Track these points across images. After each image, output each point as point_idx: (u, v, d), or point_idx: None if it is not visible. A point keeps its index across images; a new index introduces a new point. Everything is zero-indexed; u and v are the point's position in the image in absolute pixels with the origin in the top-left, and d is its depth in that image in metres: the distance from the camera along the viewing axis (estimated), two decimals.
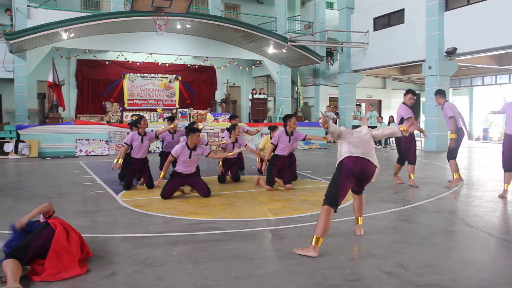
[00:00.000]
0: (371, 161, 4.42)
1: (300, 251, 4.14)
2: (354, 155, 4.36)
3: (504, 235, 4.94)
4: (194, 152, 7.09)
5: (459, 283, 3.48)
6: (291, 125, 7.88)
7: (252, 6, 24.53)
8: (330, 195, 4.29)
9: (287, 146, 7.94)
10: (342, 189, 4.31)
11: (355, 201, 4.89)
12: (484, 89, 23.56)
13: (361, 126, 4.76)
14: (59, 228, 3.86)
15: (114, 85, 20.25)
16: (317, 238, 4.13)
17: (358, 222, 4.89)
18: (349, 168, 4.35)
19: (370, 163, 4.43)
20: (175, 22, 16.45)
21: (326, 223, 4.16)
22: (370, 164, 4.43)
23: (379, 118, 18.91)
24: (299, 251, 4.15)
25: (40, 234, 3.78)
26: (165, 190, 6.99)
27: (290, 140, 7.92)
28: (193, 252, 4.23)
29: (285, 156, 7.99)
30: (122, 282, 3.50)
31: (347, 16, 20.35)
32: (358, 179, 4.48)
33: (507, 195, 7.04)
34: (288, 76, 21.55)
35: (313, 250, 4.09)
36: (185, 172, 7.12)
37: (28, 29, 14.82)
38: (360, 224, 4.88)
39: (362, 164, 4.38)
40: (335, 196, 4.27)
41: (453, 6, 15.53)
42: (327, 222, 4.17)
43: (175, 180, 7.11)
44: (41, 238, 3.74)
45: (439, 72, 15.78)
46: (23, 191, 7.77)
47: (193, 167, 7.24)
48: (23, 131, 14.24)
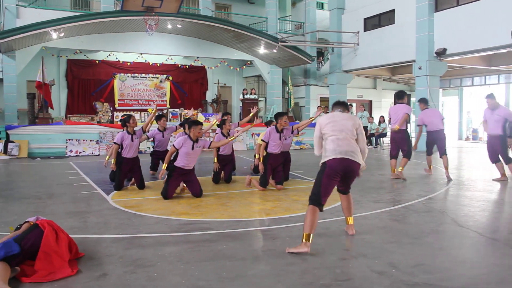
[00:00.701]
0: (355, 160, 4.46)
1: (292, 249, 4.16)
2: (338, 157, 4.40)
3: (493, 234, 4.98)
4: (197, 144, 7.08)
5: (450, 282, 3.50)
6: (282, 123, 7.91)
7: (243, 6, 24.52)
8: (314, 195, 4.38)
9: (278, 144, 7.94)
10: (325, 189, 4.38)
11: (343, 201, 4.91)
12: (474, 89, 23.76)
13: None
14: (47, 229, 3.83)
15: (104, 85, 20.14)
16: (307, 235, 4.18)
17: (348, 222, 4.91)
18: (333, 167, 4.41)
19: (354, 162, 4.47)
20: (166, 22, 16.40)
21: (312, 220, 4.23)
22: (355, 163, 4.48)
23: (370, 118, 18.99)
24: (292, 249, 4.16)
25: (28, 235, 3.76)
26: (166, 191, 6.92)
27: (281, 137, 7.94)
28: (184, 253, 4.22)
29: (278, 154, 7.99)
30: (113, 283, 3.49)
31: (337, 16, 20.41)
32: (343, 177, 4.54)
33: (506, 179, 8.69)
34: (279, 77, 21.57)
35: (305, 246, 4.13)
36: (186, 166, 7.07)
37: (17, 29, 14.70)
38: (351, 223, 4.89)
39: (346, 163, 4.43)
40: (318, 195, 4.35)
41: (443, 7, 15.64)
42: (313, 219, 4.24)
43: (175, 179, 7.06)
44: (30, 240, 3.72)
45: (429, 72, 15.88)
46: (13, 192, 7.71)
47: (194, 162, 7.22)
48: (12, 131, 14.13)
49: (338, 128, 4.55)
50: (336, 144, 4.47)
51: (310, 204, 4.35)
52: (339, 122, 4.59)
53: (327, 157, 4.48)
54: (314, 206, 4.32)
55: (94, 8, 20.07)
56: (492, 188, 8.09)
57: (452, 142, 22.11)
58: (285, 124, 7.95)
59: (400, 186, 8.32)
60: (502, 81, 21.49)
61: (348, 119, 4.63)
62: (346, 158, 4.42)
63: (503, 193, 7.70)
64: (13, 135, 14.06)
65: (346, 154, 4.42)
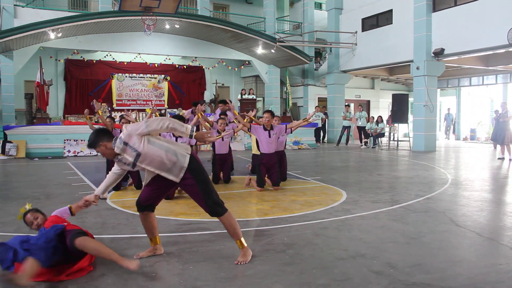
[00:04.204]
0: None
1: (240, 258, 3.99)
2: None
3: (491, 234, 4.98)
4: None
5: (447, 282, 3.50)
6: (264, 121, 7.84)
7: (240, 6, 24.53)
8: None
9: (268, 142, 7.82)
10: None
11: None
12: (472, 89, 23.80)
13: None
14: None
15: (102, 85, 20.13)
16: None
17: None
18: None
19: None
20: (164, 22, 16.40)
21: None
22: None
23: (371, 118, 18.95)
24: (241, 258, 3.99)
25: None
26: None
27: (271, 135, 7.81)
28: (182, 253, 4.22)
29: (271, 154, 7.91)
30: (111, 283, 3.48)
31: (335, 16, 20.44)
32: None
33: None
34: (277, 77, 21.59)
35: (248, 252, 4.04)
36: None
37: (15, 29, 14.69)
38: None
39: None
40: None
41: (441, 7, 15.66)
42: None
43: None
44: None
45: (427, 72, 15.90)
46: (10, 192, 7.69)
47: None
48: (10, 131, 14.09)
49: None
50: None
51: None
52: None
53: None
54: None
55: (92, 8, 20.05)
56: (490, 188, 8.11)
57: (451, 142, 22.14)
58: (267, 122, 7.80)
59: (398, 186, 8.33)
60: (500, 81, 21.54)
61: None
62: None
63: (501, 193, 7.72)
64: (11, 135, 14.02)
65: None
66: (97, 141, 3.81)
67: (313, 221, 5.45)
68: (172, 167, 3.83)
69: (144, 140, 3.76)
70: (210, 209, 3.90)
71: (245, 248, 4.03)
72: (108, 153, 3.84)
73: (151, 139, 3.81)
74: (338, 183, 8.53)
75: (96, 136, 3.83)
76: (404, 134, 22.27)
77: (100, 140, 3.80)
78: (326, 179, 9.16)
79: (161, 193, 4.11)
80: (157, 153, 3.78)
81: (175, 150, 3.84)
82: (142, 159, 3.79)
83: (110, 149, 3.81)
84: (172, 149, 3.83)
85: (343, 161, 13.05)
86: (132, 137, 3.74)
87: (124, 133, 3.76)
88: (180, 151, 3.85)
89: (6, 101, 16.48)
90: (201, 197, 3.88)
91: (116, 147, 3.77)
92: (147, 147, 3.75)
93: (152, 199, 4.09)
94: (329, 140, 21.04)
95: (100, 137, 3.82)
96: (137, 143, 3.74)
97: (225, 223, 3.99)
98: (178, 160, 3.82)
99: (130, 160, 3.80)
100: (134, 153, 3.76)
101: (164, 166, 3.82)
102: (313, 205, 6.44)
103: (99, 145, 3.80)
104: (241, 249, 4.02)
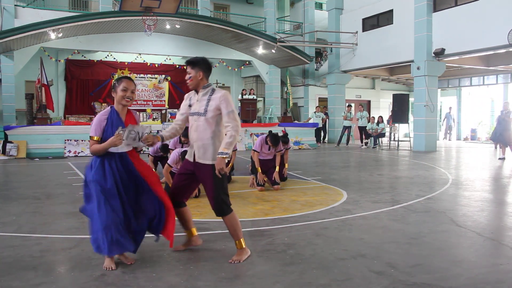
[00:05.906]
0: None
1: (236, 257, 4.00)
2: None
3: (492, 234, 4.98)
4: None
5: (448, 282, 3.50)
6: (274, 150, 7.99)
7: (241, 6, 24.53)
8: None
9: (267, 152, 8.01)
10: None
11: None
12: (472, 89, 23.80)
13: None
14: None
15: (103, 85, 20.09)
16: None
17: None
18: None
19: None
20: (164, 22, 16.41)
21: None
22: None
23: (372, 118, 18.94)
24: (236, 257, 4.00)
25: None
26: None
27: (270, 148, 7.96)
28: (183, 253, 4.22)
29: (268, 159, 8.05)
30: (111, 283, 3.48)
31: (336, 16, 20.44)
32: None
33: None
34: (278, 77, 21.59)
35: (244, 252, 4.05)
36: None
37: (15, 29, 14.69)
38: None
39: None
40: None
41: (441, 7, 15.66)
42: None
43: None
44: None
45: (428, 72, 15.90)
46: (11, 192, 7.69)
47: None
48: (10, 131, 14.09)
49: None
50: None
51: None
52: None
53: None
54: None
55: (92, 9, 20.06)
56: (490, 188, 8.11)
57: (452, 143, 22.13)
58: (278, 153, 8.02)
59: (399, 186, 8.33)
60: (501, 81, 21.55)
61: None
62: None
63: (501, 193, 7.72)
64: (12, 135, 14.02)
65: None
66: (202, 62, 3.95)
67: (313, 221, 5.45)
68: (209, 149, 3.93)
69: (216, 114, 3.89)
70: (216, 205, 3.95)
71: (243, 248, 4.04)
72: (194, 82, 3.96)
73: (220, 121, 3.94)
74: (338, 183, 8.53)
75: (203, 60, 3.97)
76: (404, 134, 22.28)
77: (203, 68, 3.94)
78: (327, 179, 9.16)
79: (186, 185, 4.16)
80: (213, 128, 3.91)
81: (220, 142, 3.93)
82: (200, 121, 3.92)
83: (201, 80, 3.96)
84: (220, 139, 3.95)
85: (344, 161, 13.05)
86: (219, 106, 3.87)
87: (224, 98, 3.87)
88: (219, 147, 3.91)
89: (6, 101, 16.50)
90: (212, 191, 3.93)
91: (207, 85, 3.97)
92: (213, 119, 3.89)
93: (180, 194, 4.19)
94: (330, 140, 21.04)
95: (206, 65, 3.97)
96: (213, 110, 3.88)
97: (227, 223, 4.03)
98: (216, 151, 3.90)
99: (197, 110, 3.95)
100: (202, 108, 3.92)
101: (207, 143, 3.92)
102: (313, 205, 6.44)
103: (201, 67, 3.93)
104: (239, 249, 4.04)
